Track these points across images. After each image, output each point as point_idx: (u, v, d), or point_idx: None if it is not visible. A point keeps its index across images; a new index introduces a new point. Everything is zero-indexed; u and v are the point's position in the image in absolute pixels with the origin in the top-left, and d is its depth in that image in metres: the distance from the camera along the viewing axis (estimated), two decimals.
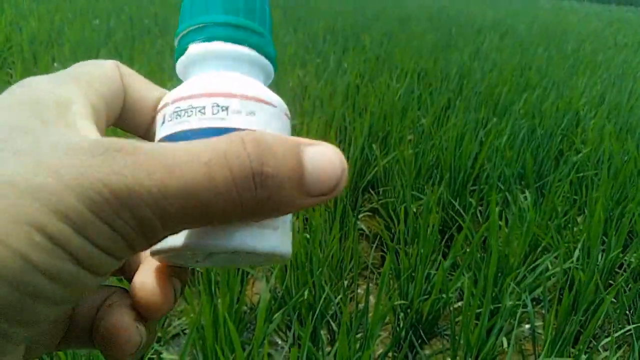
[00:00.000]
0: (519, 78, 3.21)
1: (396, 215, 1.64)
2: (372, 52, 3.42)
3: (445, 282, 1.26)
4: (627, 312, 1.43)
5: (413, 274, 1.33)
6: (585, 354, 1.15)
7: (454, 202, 1.71)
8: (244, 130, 0.19)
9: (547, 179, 1.92)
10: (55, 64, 2.58)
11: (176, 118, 0.21)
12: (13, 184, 0.15)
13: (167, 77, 2.21)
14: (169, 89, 0.24)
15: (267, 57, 0.24)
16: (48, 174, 0.15)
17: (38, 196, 0.15)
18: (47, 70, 2.35)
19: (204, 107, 0.21)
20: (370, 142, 1.94)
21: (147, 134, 0.24)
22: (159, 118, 0.22)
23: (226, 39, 0.23)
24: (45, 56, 2.60)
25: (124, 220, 0.16)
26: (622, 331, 1.31)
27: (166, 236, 0.18)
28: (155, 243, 0.18)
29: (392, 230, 1.64)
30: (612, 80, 3.60)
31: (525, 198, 1.73)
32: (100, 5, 4.07)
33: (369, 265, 1.54)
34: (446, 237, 1.65)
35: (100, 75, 0.22)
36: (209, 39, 0.23)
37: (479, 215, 1.71)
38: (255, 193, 0.18)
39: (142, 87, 0.24)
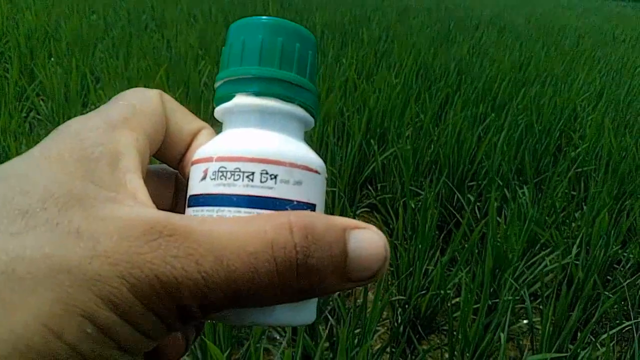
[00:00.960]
0: (517, 73, 3.21)
1: (394, 211, 1.64)
2: (371, 47, 3.41)
3: (443, 277, 1.26)
4: (626, 307, 1.43)
5: (411, 270, 1.33)
6: (583, 350, 1.15)
7: (452, 198, 1.71)
8: (291, 202, 0.21)
9: (545, 175, 1.92)
10: (52, 59, 2.57)
11: (221, 178, 0.21)
12: (69, 271, 0.16)
13: (163, 73, 2.20)
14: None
15: (313, 113, 0.24)
16: (102, 262, 0.16)
17: (92, 286, 0.16)
18: (43, 65, 2.34)
19: (252, 174, 0.21)
20: (369, 137, 1.93)
21: (180, 164, 0.25)
22: (198, 169, 0.22)
23: (278, 96, 0.22)
24: (42, 51, 2.59)
25: (169, 309, 0.17)
26: (620, 327, 1.31)
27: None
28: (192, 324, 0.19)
29: (391, 226, 1.64)
30: (611, 76, 3.60)
31: (524, 193, 1.73)
32: (97, 0, 4.05)
33: None
34: (444, 232, 1.65)
35: (147, 112, 0.22)
36: (260, 94, 0.22)
37: (477, 211, 1.70)
38: (297, 283, 0.18)
39: (181, 119, 0.24)
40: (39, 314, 0.15)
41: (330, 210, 1.53)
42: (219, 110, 0.24)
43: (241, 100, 0.22)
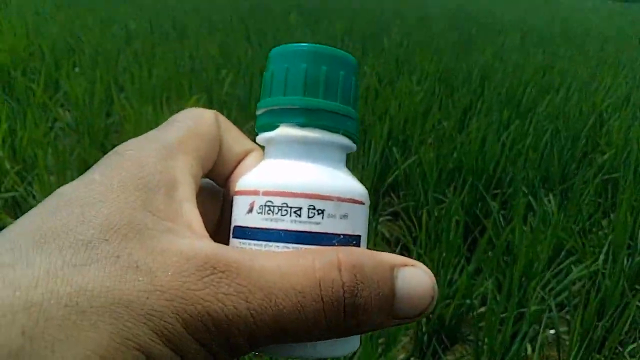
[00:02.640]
0: (541, 79, 3.17)
1: (417, 219, 1.62)
2: (392, 54, 3.41)
3: (469, 286, 1.24)
4: None
5: (436, 279, 1.31)
6: None
7: (475, 205, 1.69)
8: (337, 236, 0.21)
9: (571, 182, 1.89)
10: (76, 69, 2.60)
11: (268, 213, 0.21)
12: (128, 306, 0.16)
13: (186, 83, 2.22)
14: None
15: (355, 139, 0.24)
16: (159, 297, 0.17)
17: (148, 321, 0.17)
18: (68, 75, 2.37)
19: (300, 209, 0.21)
20: (391, 145, 1.92)
21: (226, 182, 0.25)
22: (243, 201, 0.22)
23: (323, 127, 0.22)
24: (67, 62, 2.63)
25: (218, 344, 0.18)
26: None
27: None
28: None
29: (413, 234, 1.63)
30: (637, 80, 3.54)
31: (549, 201, 1.70)
32: (120, 11, 4.11)
33: None
34: (469, 241, 1.63)
35: (202, 134, 0.23)
36: (305, 125, 0.22)
37: (501, 219, 1.68)
38: (343, 322, 0.18)
39: (232, 139, 0.24)
40: (98, 347, 0.16)
41: None
42: (262, 139, 0.24)
43: (285, 131, 0.22)
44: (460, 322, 1.28)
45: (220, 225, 0.25)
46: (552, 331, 1.31)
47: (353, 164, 1.71)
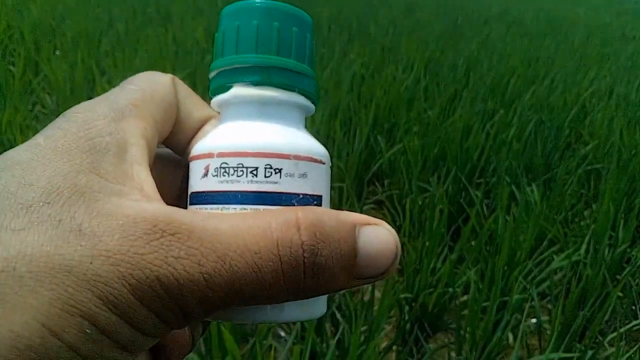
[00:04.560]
0: (526, 70, 3.18)
1: (402, 208, 1.62)
2: (378, 42, 3.40)
3: (452, 275, 1.24)
4: (634, 306, 1.42)
5: (418, 267, 1.32)
6: (591, 350, 1.14)
7: (459, 195, 1.70)
8: (297, 195, 0.20)
9: (554, 172, 1.90)
10: (57, 52, 2.56)
11: (223, 175, 0.20)
12: (70, 271, 0.16)
13: (169, 66, 2.19)
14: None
15: (313, 99, 0.23)
16: (103, 262, 0.16)
17: (92, 286, 0.16)
18: (49, 58, 2.34)
19: (256, 169, 0.20)
20: (376, 133, 1.92)
21: (186, 151, 0.24)
22: (198, 165, 0.21)
23: (278, 85, 0.21)
24: (47, 45, 2.58)
25: (169, 309, 0.17)
26: (629, 326, 1.30)
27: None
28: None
29: (397, 223, 1.63)
30: (621, 73, 3.57)
31: (532, 191, 1.71)
32: None
33: None
34: (452, 230, 1.64)
35: (158, 98, 0.22)
36: (259, 84, 0.21)
37: (484, 208, 1.69)
38: (303, 282, 0.18)
39: (191, 106, 0.23)
40: (38, 313, 0.15)
41: (337, 206, 1.51)
42: (216, 102, 0.23)
43: (239, 91, 0.22)
44: (443, 311, 1.28)
45: (182, 196, 0.24)
46: (533, 320, 1.32)
47: (338, 151, 1.70)
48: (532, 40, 4.47)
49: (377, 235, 0.19)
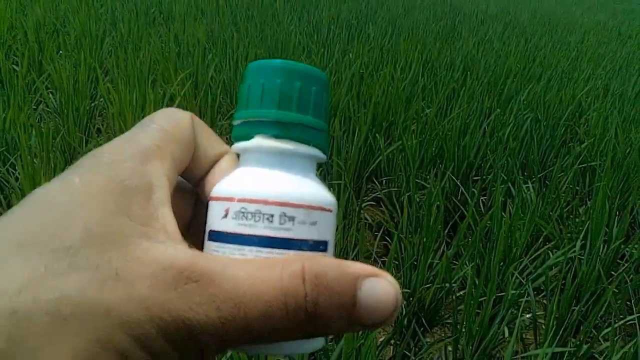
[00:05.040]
0: (522, 69, 3.20)
1: (400, 204, 1.64)
2: (377, 42, 3.41)
3: (448, 270, 1.26)
4: (629, 302, 1.44)
5: (416, 263, 1.33)
6: (586, 344, 1.16)
7: (457, 191, 1.72)
8: (307, 241, 0.22)
9: (550, 169, 1.92)
10: (60, 52, 2.58)
11: (242, 219, 0.22)
12: (108, 315, 0.17)
13: (172, 67, 2.21)
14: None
15: (325, 150, 0.25)
16: (137, 306, 0.18)
17: (127, 328, 0.18)
18: (52, 58, 2.35)
19: (272, 216, 0.22)
20: (375, 131, 1.94)
21: (199, 184, 0.26)
22: (219, 206, 0.23)
23: (296, 139, 0.24)
24: (51, 45, 2.60)
25: (191, 348, 0.19)
26: (623, 321, 1.31)
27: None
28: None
29: (395, 220, 1.65)
30: (616, 72, 3.59)
31: (528, 188, 1.73)
32: None
33: (372, 254, 1.54)
34: (449, 226, 1.66)
35: (178, 137, 0.24)
36: (279, 137, 0.24)
37: (481, 205, 1.71)
38: (305, 327, 0.20)
39: (206, 142, 0.25)
40: (80, 352, 0.17)
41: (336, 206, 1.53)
42: (238, 147, 0.25)
43: (260, 141, 0.24)
44: (440, 306, 1.30)
45: (192, 223, 0.26)
46: (528, 315, 1.34)
47: (337, 150, 1.72)
48: (529, 40, 4.48)
49: (378, 288, 0.20)
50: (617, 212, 1.64)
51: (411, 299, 1.28)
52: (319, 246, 0.23)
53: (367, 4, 5.44)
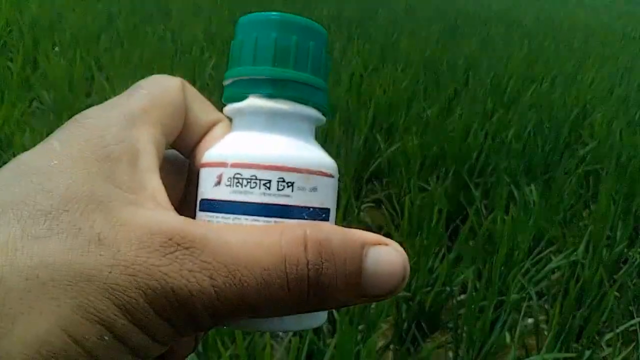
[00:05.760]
0: (525, 70, 3.19)
1: (400, 206, 1.62)
2: (377, 42, 3.40)
3: (449, 274, 1.24)
4: (631, 307, 1.42)
5: (416, 266, 1.31)
6: (588, 350, 1.14)
7: (458, 194, 1.70)
8: (307, 209, 0.21)
9: (553, 172, 1.90)
10: (55, 49, 2.56)
11: (236, 185, 0.21)
12: (90, 280, 0.16)
13: (168, 64, 2.19)
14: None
15: (325, 111, 0.23)
16: (122, 272, 0.17)
17: (111, 295, 0.16)
18: (47, 55, 2.33)
19: (269, 182, 0.20)
20: (375, 132, 1.92)
21: (192, 154, 0.24)
22: (210, 173, 0.21)
23: (292, 99, 0.22)
24: (46, 41, 2.58)
25: (181, 318, 0.18)
26: (625, 325, 1.29)
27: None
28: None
29: (396, 222, 1.63)
30: (621, 74, 3.58)
31: (531, 191, 1.71)
32: None
33: None
34: (450, 229, 1.64)
35: (167, 103, 0.22)
36: (274, 96, 0.22)
37: (483, 208, 1.69)
38: (307, 299, 0.18)
39: (199, 109, 0.24)
40: (60, 320, 0.16)
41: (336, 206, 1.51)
42: (229, 109, 0.23)
43: (254, 102, 0.22)
44: (440, 310, 1.28)
45: (186, 197, 0.25)
46: (530, 320, 1.32)
47: (336, 150, 1.70)
48: (531, 41, 4.47)
49: (385, 256, 0.19)
50: (621, 216, 1.62)
51: (411, 302, 1.26)
52: (320, 214, 0.21)
53: (367, 2, 5.44)
